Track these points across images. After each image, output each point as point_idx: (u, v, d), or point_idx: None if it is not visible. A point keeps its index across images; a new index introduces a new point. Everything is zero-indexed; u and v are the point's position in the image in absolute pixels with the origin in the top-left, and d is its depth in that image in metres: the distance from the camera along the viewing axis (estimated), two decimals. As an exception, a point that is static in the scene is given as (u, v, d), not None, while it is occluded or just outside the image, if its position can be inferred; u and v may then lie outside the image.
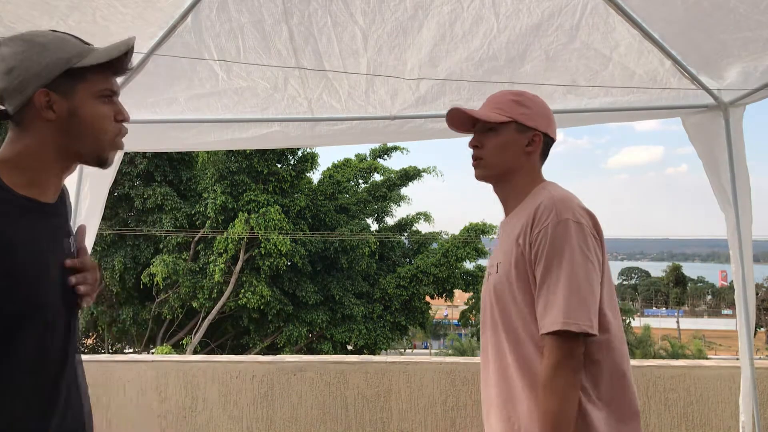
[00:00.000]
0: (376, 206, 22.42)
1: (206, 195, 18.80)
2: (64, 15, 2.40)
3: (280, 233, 18.16)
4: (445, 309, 51.35)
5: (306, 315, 19.18)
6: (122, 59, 1.20)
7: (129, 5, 2.46)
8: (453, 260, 20.66)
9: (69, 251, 1.23)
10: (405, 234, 23.32)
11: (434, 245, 22.60)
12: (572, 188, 1.59)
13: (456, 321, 42.64)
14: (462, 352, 26.87)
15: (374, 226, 23.14)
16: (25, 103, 1.14)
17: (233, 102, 3.17)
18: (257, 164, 18.59)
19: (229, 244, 17.86)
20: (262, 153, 18.46)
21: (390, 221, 23.55)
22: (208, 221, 18.49)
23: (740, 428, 3.09)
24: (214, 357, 3.90)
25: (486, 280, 1.65)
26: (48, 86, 1.14)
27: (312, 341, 19.78)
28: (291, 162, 20.06)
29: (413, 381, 3.58)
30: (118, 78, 1.26)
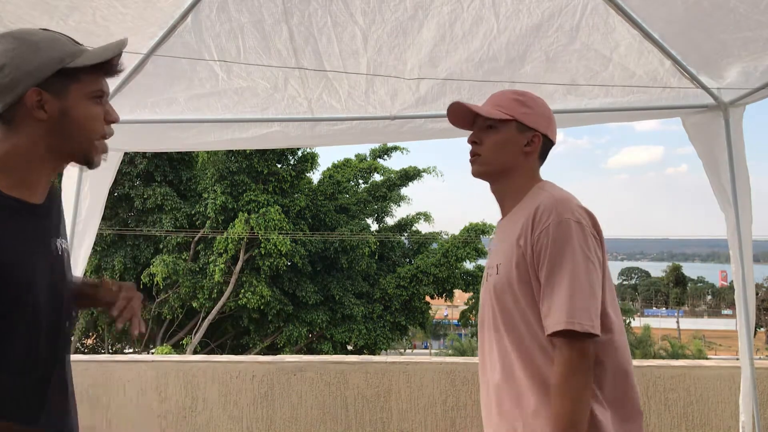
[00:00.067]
0: (376, 206, 22.42)
1: (206, 195, 18.81)
2: (64, 15, 2.40)
3: (280, 233, 18.16)
4: (445, 309, 51.34)
5: (306, 315, 19.18)
6: (114, 61, 1.20)
7: (129, 5, 2.46)
8: (453, 260, 20.66)
9: (58, 252, 1.22)
10: (405, 234, 23.32)
11: (434, 245, 22.60)
12: (572, 188, 1.60)
13: (456, 321, 42.61)
14: (462, 352, 26.83)
15: (374, 226, 23.14)
16: (15, 102, 1.12)
17: (233, 102, 3.17)
18: (257, 164, 18.59)
19: (229, 244, 17.86)
20: (262, 153, 18.46)
21: (390, 221, 23.57)
22: (208, 221, 18.50)
23: (740, 428, 3.09)
24: (214, 357, 3.90)
25: (485, 281, 1.64)
26: (40, 85, 1.13)
27: (312, 341, 19.78)
28: (291, 162, 20.06)
29: (413, 381, 3.58)
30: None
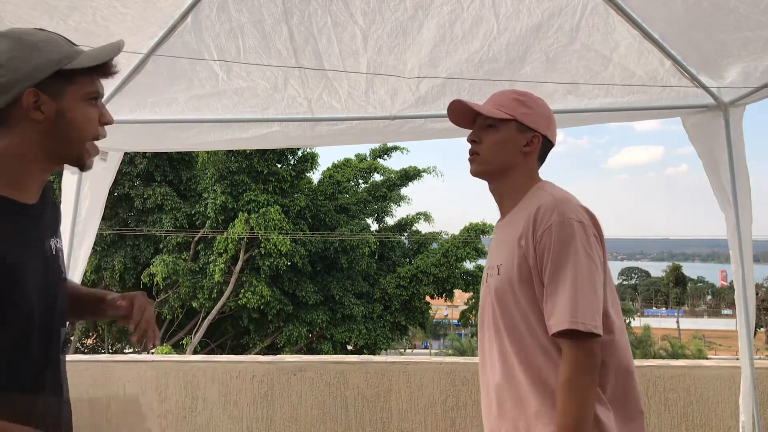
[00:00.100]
0: (376, 206, 22.42)
1: (206, 195, 18.81)
2: (64, 15, 2.40)
3: (280, 233, 18.16)
4: (445, 309, 51.34)
5: (306, 315, 19.18)
6: (110, 63, 1.20)
7: (129, 5, 2.46)
8: (453, 260, 20.66)
9: (52, 252, 1.22)
10: (405, 234, 23.32)
11: (434, 245, 22.61)
12: (572, 188, 1.60)
13: (456, 321, 42.64)
14: (462, 352, 26.85)
15: (374, 226, 23.15)
16: (11, 103, 1.12)
17: (233, 102, 3.17)
18: (257, 164, 18.60)
19: (229, 244, 17.86)
20: (262, 153, 18.46)
21: (390, 221, 23.58)
22: (208, 221, 18.50)
23: (740, 428, 3.09)
24: (214, 357, 3.89)
25: (485, 281, 1.64)
26: (37, 86, 1.12)
27: (312, 341, 19.78)
28: (291, 162, 20.07)
29: (413, 381, 3.58)
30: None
